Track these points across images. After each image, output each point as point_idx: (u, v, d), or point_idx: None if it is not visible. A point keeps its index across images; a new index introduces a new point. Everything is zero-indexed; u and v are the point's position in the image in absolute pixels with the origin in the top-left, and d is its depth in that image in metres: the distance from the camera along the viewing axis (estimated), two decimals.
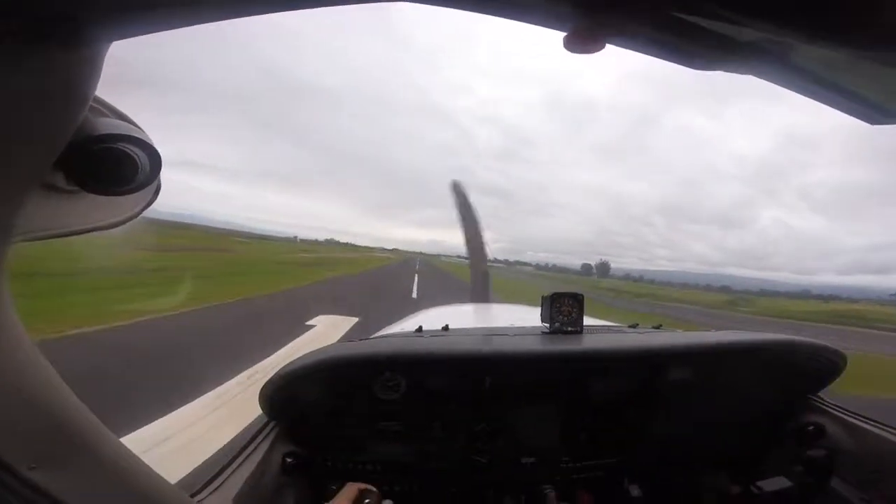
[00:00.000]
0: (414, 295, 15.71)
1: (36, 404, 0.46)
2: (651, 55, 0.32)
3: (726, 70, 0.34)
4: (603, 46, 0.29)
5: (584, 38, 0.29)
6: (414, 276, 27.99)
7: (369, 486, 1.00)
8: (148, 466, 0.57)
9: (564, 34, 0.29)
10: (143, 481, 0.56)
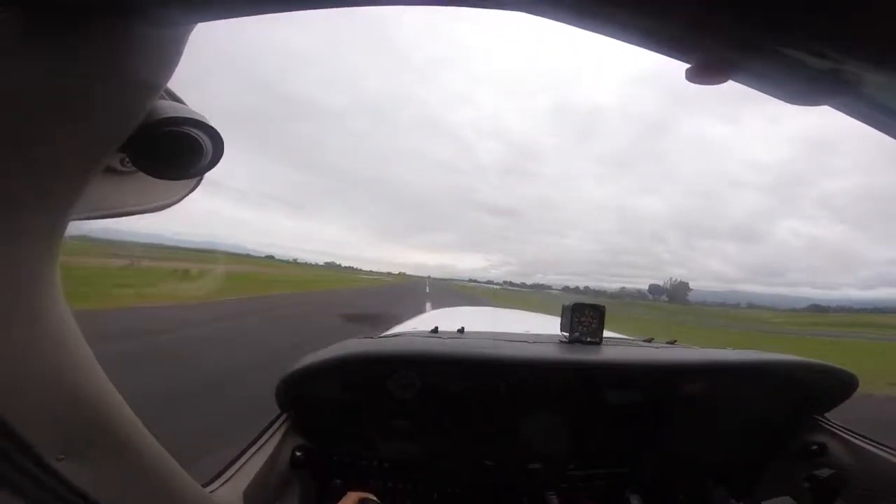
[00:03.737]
0: None
1: (74, 393, 0.45)
2: (763, 91, 0.33)
3: (825, 104, 0.34)
4: (726, 79, 0.30)
5: (707, 72, 0.30)
6: None
7: (370, 496, 0.99)
8: (168, 457, 0.57)
9: (688, 66, 0.30)
10: (163, 472, 0.57)
